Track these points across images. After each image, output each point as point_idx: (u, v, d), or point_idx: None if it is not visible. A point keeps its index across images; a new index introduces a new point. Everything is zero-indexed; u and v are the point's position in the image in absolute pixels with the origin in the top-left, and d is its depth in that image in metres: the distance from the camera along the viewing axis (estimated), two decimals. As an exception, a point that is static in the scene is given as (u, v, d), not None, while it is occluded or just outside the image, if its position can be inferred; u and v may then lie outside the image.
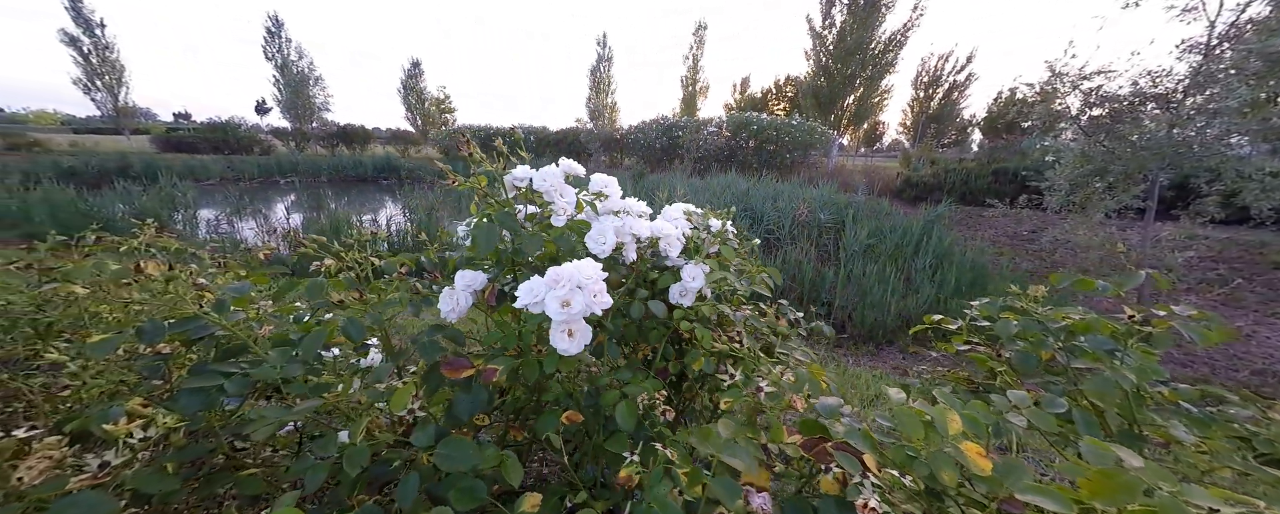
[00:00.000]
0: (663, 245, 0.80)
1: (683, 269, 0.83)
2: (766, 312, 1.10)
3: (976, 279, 5.82)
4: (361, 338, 0.59)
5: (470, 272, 0.68)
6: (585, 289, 0.58)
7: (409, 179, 16.09)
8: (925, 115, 26.71)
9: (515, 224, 0.68)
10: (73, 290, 1.03)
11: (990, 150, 14.54)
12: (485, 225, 0.65)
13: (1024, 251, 8.37)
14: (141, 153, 15.06)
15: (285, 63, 19.73)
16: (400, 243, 5.89)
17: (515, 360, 0.61)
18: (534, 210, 0.78)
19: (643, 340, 0.86)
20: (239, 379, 0.58)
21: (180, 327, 0.62)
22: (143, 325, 0.60)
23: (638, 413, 0.62)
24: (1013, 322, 0.84)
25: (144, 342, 0.59)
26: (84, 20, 16.70)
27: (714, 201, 8.33)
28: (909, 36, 18.69)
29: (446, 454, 0.51)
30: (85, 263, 1.25)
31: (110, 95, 17.65)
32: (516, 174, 0.73)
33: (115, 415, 0.52)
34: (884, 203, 9.97)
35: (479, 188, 0.73)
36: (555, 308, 0.57)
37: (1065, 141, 5.94)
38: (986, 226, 10.63)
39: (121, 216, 6.78)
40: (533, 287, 0.59)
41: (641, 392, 0.65)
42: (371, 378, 0.62)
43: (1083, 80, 4.90)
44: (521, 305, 0.59)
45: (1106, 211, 5.27)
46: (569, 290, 0.57)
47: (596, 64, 23.44)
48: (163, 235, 1.47)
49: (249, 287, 0.66)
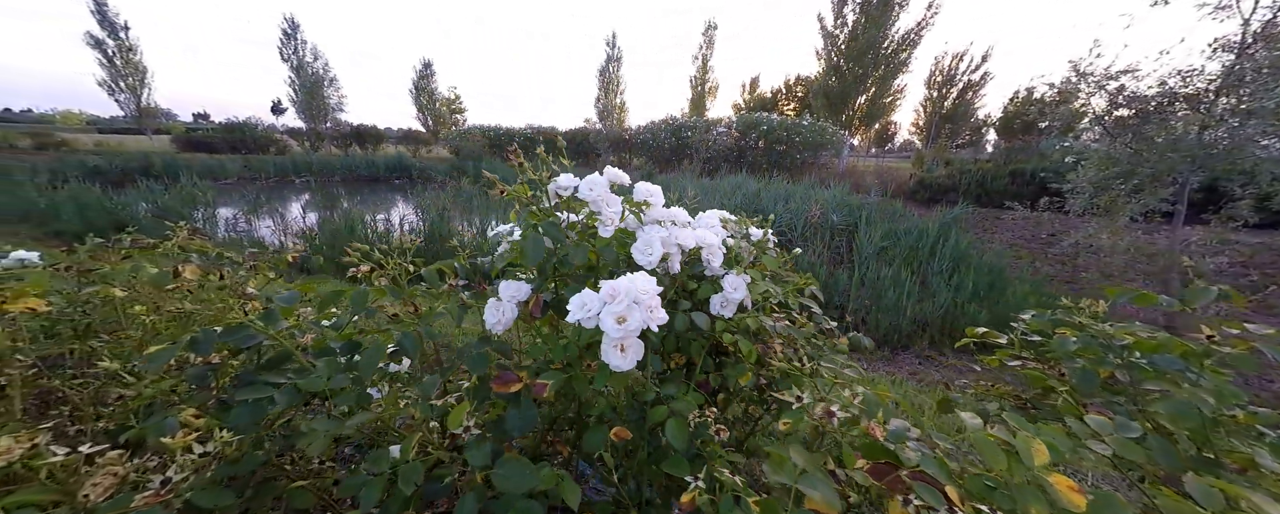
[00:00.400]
0: (705, 255, 0.78)
1: (723, 279, 0.81)
2: (797, 319, 1.07)
3: (994, 283, 5.69)
4: (416, 353, 0.58)
5: (514, 282, 0.67)
6: (641, 304, 0.56)
7: (420, 178, 16.29)
8: (938, 115, 26.27)
9: (561, 234, 0.66)
10: (112, 293, 1.05)
11: (1007, 151, 14.26)
12: (532, 235, 0.64)
13: (1043, 255, 8.17)
14: (163, 152, 15.45)
15: (301, 64, 20.08)
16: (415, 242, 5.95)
17: (564, 375, 0.59)
18: (574, 218, 0.77)
19: (680, 352, 0.84)
20: (289, 390, 0.57)
21: (228, 336, 0.62)
22: (196, 336, 0.59)
23: (689, 431, 0.60)
24: (1071, 338, 0.80)
25: (196, 352, 0.59)
26: (109, 23, 17.17)
27: (724, 202, 8.27)
28: (923, 35, 18.40)
29: (505, 475, 0.49)
30: (123, 265, 1.27)
31: (133, 96, 18.12)
32: (561, 182, 0.72)
33: (171, 428, 0.52)
34: (898, 204, 9.82)
35: (522, 196, 0.72)
36: (611, 324, 0.55)
37: (1088, 143, 5.78)
38: (1003, 229, 10.40)
39: (145, 214, 6.95)
40: (585, 300, 0.58)
41: (691, 409, 0.63)
42: (421, 390, 0.61)
43: (1109, 80, 4.76)
44: (574, 320, 0.57)
45: (1132, 215, 5.12)
46: (626, 306, 0.55)
47: (605, 64, 23.47)
48: (195, 238, 1.49)
49: (297, 296, 0.65)
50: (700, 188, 9.60)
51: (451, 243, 1.01)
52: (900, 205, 9.77)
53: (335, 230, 6.14)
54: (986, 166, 13.06)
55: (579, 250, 0.64)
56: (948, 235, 7.15)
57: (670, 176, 13.41)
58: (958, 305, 4.95)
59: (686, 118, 19.48)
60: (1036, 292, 5.48)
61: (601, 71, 23.43)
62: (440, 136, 24.44)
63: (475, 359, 0.60)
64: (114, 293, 1.02)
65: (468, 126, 23.46)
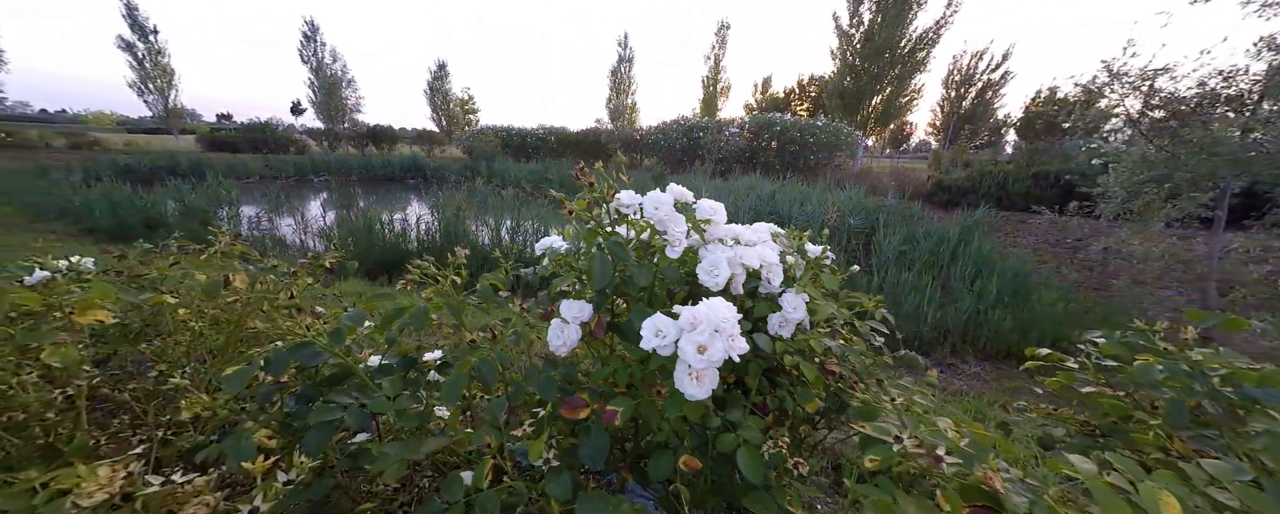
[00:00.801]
0: (765, 273, 0.75)
1: (782, 298, 0.78)
2: (844, 335, 1.04)
3: (1019, 290, 5.53)
4: (495, 382, 0.57)
5: (576, 302, 0.65)
6: (722, 333, 0.54)
7: (434, 178, 16.50)
8: (956, 116, 25.69)
9: (626, 254, 0.64)
10: (164, 300, 1.06)
11: (1029, 153, 13.84)
12: (599, 256, 0.62)
13: (1070, 261, 7.92)
14: (189, 152, 15.94)
15: (320, 65, 20.52)
16: (430, 242, 6.00)
17: (633, 401, 0.57)
18: (628, 235, 0.75)
19: (732, 372, 0.82)
20: (357, 412, 0.57)
21: (294, 354, 0.62)
22: (269, 355, 0.59)
23: (763, 462, 0.58)
24: (1156, 366, 0.76)
25: (270, 372, 0.59)
26: (139, 27, 17.76)
27: (738, 204, 8.19)
28: (942, 34, 18.00)
29: (587, 511, 0.48)
30: (171, 271, 1.29)
31: (161, 97, 18.73)
32: (623, 199, 0.70)
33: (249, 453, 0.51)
34: (916, 207, 9.62)
35: (579, 212, 0.70)
36: (692, 353, 0.53)
37: (1117, 145, 5.58)
38: (1025, 233, 10.11)
39: (173, 213, 7.16)
40: (659, 326, 0.56)
41: (760, 437, 0.61)
42: (490, 413, 0.60)
43: (1145, 81, 4.58)
44: (649, 346, 0.55)
45: (1167, 220, 4.92)
46: (707, 335, 0.53)
47: (617, 65, 23.49)
48: (237, 243, 1.51)
49: (363, 316, 0.65)
50: (713, 189, 9.52)
51: (495, 253, 0.99)
52: (919, 208, 9.56)
53: (354, 229, 6.24)
54: (1008, 169, 12.71)
55: (643, 271, 0.62)
56: (970, 239, 6.97)
57: (683, 177, 13.35)
58: (981, 312, 4.81)
59: (697, 118, 19.38)
60: (1064, 299, 5.30)
61: (613, 72, 23.46)
62: (454, 137, 24.73)
63: (544, 384, 0.58)
64: (165, 300, 1.03)
65: (480, 127, 23.71)
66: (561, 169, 14.86)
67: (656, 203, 0.65)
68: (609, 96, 22.89)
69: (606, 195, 0.68)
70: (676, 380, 0.55)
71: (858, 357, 0.93)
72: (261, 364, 0.57)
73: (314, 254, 1.47)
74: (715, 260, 0.66)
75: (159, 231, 6.69)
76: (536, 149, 21.26)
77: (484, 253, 5.91)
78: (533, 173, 14.81)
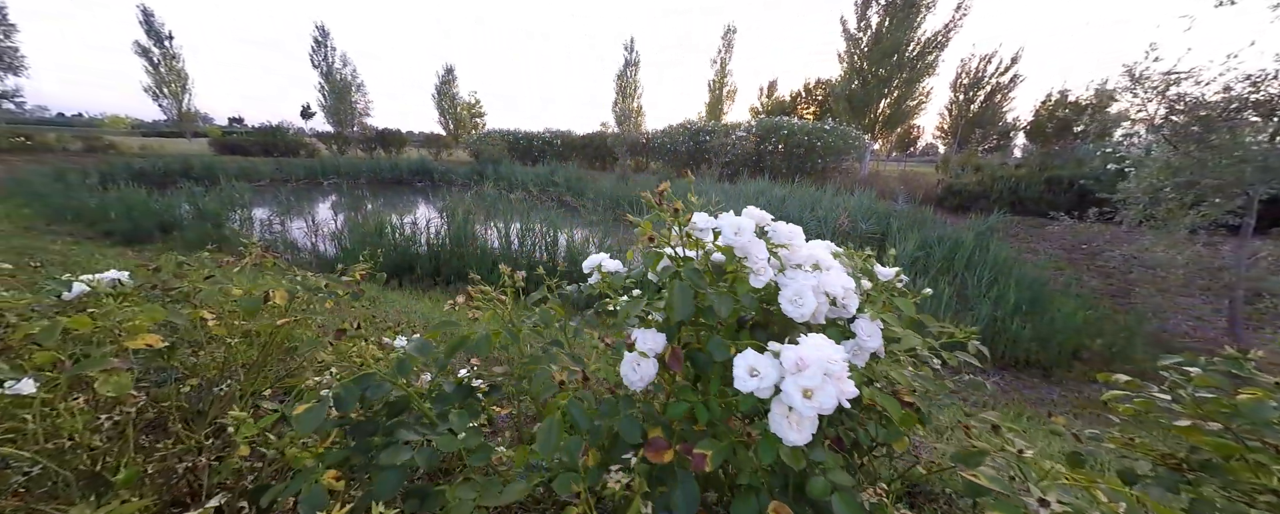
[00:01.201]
0: (842, 299, 0.71)
1: (855, 324, 0.74)
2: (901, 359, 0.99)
3: (1036, 297, 5.43)
4: (588, 428, 0.53)
5: (648, 331, 0.61)
6: (833, 376, 0.50)
7: (442, 181, 16.59)
8: (964, 119, 25.51)
9: (704, 283, 0.60)
10: (201, 315, 1.04)
11: (1042, 157, 13.67)
12: (679, 287, 0.58)
13: (1087, 267, 7.79)
14: (201, 155, 16.16)
15: (330, 70, 20.77)
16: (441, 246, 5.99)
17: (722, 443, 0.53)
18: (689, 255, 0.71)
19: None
20: (427, 451, 0.53)
21: (360, 386, 0.58)
22: (338, 392, 0.56)
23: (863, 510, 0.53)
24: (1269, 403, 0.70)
25: (340, 409, 0.55)
26: (155, 33, 18.09)
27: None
28: (950, 38, 17.89)
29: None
30: (205, 284, 1.27)
31: (175, 101, 19.04)
32: (697, 223, 0.66)
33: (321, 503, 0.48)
34: (928, 212, 9.52)
35: (645, 233, 0.67)
36: (799, 399, 0.49)
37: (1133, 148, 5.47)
38: (1039, 239, 9.96)
39: (187, 215, 7.23)
40: (755, 365, 0.52)
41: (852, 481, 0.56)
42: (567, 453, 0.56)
43: (1170, 85, 4.49)
44: (746, 389, 0.51)
45: (1192, 227, 4.80)
46: (817, 378, 0.49)
47: (623, 69, 23.55)
48: (268, 255, 1.49)
49: (431, 346, 0.61)
50: (722, 193, 9.48)
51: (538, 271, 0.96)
52: (930, 213, 9.46)
53: (366, 233, 6.25)
54: (1020, 173, 12.55)
55: (724, 301, 0.58)
56: (985, 245, 6.87)
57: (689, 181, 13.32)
58: (998, 320, 4.72)
59: (703, 121, 19.37)
60: (1085, 307, 5.19)
61: (619, 76, 23.53)
62: (460, 140, 24.91)
63: (628, 424, 0.54)
64: (203, 315, 1.01)
65: (487, 130, 23.85)
66: (568, 172, 14.88)
67: (737, 227, 0.61)
68: (615, 100, 22.95)
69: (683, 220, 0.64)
70: (773, 425, 0.51)
71: (924, 383, 0.89)
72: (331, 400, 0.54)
73: (343, 268, 1.44)
74: (799, 289, 0.61)
75: (173, 234, 6.75)
76: (542, 152, 21.34)
77: (494, 257, 5.90)
78: (539, 176, 14.85)
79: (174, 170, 13.10)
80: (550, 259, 5.92)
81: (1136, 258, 5.27)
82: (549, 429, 0.50)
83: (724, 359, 0.57)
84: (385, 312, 3.38)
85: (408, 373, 0.60)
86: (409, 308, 3.81)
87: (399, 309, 3.64)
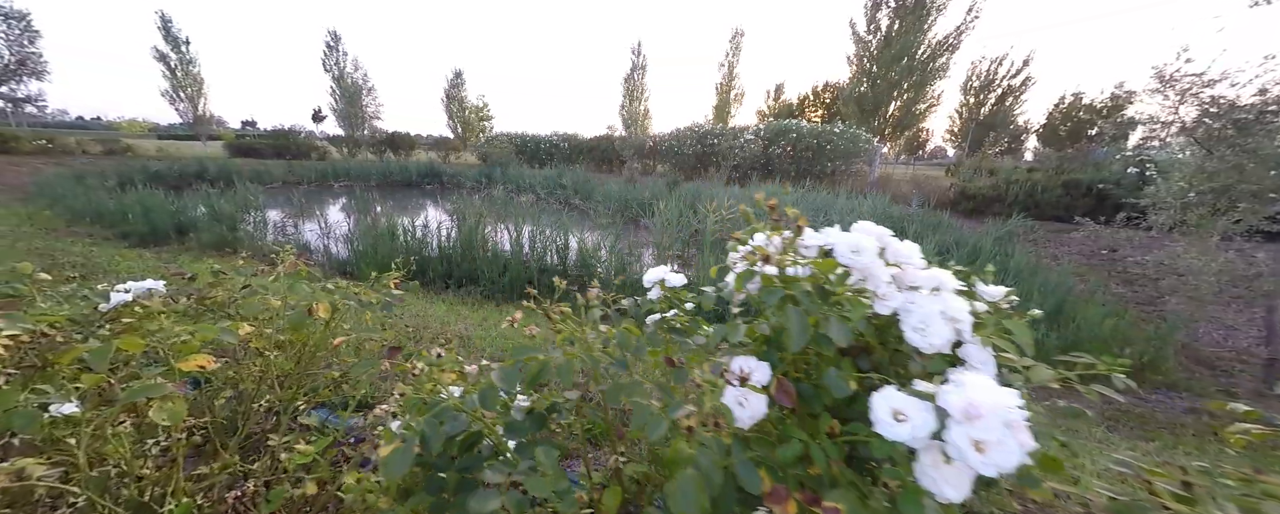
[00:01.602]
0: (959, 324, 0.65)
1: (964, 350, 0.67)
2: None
3: (1061, 305, 5.28)
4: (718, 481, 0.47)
5: (749, 359, 0.55)
6: (1013, 427, 0.42)
7: (451, 184, 16.68)
8: (975, 122, 25.23)
9: (822, 309, 0.54)
10: (241, 327, 1.00)
11: (1059, 160, 13.43)
12: (793, 313, 0.52)
13: (1108, 273, 7.59)
14: (216, 158, 16.41)
15: (341, 74, 21.06)
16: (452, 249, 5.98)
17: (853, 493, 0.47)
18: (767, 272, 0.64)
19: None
20: (518, 499, 0.48)
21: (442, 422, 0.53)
22: (423, 432, 0.51)
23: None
24: None
25: (426, 450, 0.50)
26: (172, 38, 18.47)
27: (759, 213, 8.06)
28: (962, 40, 17.74)
29: None
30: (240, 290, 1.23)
31: (191, 105, 19.39)
32: (807, 240, 0.60)
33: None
34: (942, 217, 9.38)
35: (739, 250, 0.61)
36: (970, 452, 0.41)
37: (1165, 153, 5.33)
38: (1057, 244, 9.76)
39: (202, 217, 7.30)
40: (900, 408, 0.45)
41: None
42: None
43: (1204, 88, 4.37)
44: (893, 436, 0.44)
45: (1225, 234, 4.65)
46: (994, 430, 0.41)
47: (630, 72, 23.65)
48: (301, 261, 1.45)
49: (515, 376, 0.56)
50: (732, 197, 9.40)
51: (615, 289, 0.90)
52: (945, 217, 9.32)
53: (378, 236, 6.26)
54: (1037, 177, 12.33)
55: (841, 328, 0.51)
56: (1006, 250, 6.73)
57: (698, 184, 13.26)
58: (1025, 329, 4.58)
59: (710, 124, 19.33)
60: (1112, 315, 5.04)
61: (626, 79, 23.62)
62: (469, 143, 25.08)
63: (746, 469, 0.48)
64: (243, 328, 0.97)
65: (494, 133, 23.99)
66: (575, 175, 14.88)
67: (855, 247, 0.55)
68: (622, 103, 23.03)
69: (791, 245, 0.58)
70: (922, 477, 0.44)
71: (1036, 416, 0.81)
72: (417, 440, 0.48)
73: (376, 275, 1.40)
74: (926, 315, 0.55)
75: (189, 236, 6.81)
76: (550, 155, 21.40)
77: (505, 260, 5.87)
78: (547, 179, 14.87)
79: (189, 173, 13.29)
80: (562, 263, 5.89)
81: (1166, 265, 5.11)
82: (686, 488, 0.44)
83: (843, 395, 0.51)
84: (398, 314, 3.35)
85: (492, 406, 0.54)
86: (425, 312, 3.78)
87: (414, 312, 3.61)
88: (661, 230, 6.53)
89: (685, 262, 6.47)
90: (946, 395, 0.45)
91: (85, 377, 0.54)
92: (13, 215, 7.36)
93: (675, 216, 7.29)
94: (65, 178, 10.38)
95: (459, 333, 2.93)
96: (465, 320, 3.42)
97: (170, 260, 5.26)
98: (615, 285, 1.02)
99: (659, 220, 6.87)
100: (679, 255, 6.47)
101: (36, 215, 7.51)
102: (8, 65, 11.63)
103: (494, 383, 0.55)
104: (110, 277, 3.69)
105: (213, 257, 5.63)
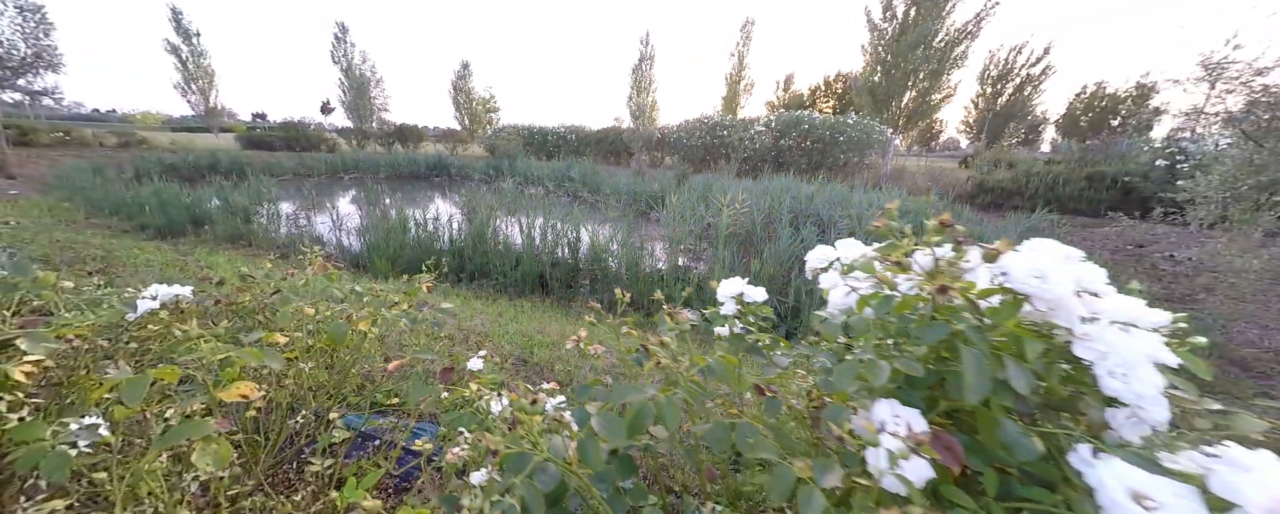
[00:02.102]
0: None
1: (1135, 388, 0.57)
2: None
3: (1093, 304, 5.09)
4: None
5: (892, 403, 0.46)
6: None
7: (459, 176, 16.65)
8: (991, 112, 24.50)
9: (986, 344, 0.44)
10: (275, 339, 0.94)
11: (1081, 151, 12.99)
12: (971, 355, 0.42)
13: (1134, 270, 7.36)
14: (228, 150, 16.51)
15: (350, 66, 20.98)
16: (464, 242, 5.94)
17: None
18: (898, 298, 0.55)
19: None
20: None
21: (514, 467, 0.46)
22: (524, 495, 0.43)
23: None
24: None
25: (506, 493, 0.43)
26: (184, 30, 18.49)
27: (774, 206, 7.88)
28: (982, 28, 17.10)
29: None
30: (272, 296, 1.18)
31: (202, 98, 19.49)
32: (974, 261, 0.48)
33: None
34: (963, 210, 9.13)
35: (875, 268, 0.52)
36: None
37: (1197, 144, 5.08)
38: (1081, 239, 9.47)
39: (216, 209, 7.34)
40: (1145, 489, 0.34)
41: None
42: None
43: (1255, 76, 4.12)
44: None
45: (1270, 230, 4.44)
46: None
47: (638, 63, 23.23)
48: (330, 263, 1.39)
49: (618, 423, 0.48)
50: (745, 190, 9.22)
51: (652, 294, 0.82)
52: (966, 211, 9.07)
53: (391, 229, 6.24)
54: (1058, 169, 11.95)
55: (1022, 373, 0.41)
56: (1031, 247, 6.48)
57: (707, 177, 13.05)
58: (1055, 328, 4.44)
59: (720, 116, 19.00)
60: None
61: (634, 70, 23.23)
62: (476, 135, 24.97)
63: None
64: (277, 339, 0.91)
65: (501, 125, 23.85)
66: (583, 168, 14.73)
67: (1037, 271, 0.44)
68: (630, 94, 22.69)
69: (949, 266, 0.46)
70: None
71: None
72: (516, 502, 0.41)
73: (409, 278, 1.34)
74: (1129, 358, 0.43)
75: (204, 228, 6.86)
76: (557, 147, 21.24)
77: (516, 254, 5.82)
78: (556, 171, 14.76)
79: (203, 165, 13.39)
80: (573, 257, 5.82)
81: (1203, 263, 4.89)
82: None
83: (1028, 457, 0.42)
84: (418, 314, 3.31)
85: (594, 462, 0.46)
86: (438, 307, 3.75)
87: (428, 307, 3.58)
88: (673, 224, 6.43)
89: (696, 255, 6.37)
90: (1229, 481, 0.34)
91: (117, 409, 0.48)
92: (34, 207, 7.45)
93: (686, 210, 7.17)
94: (83, 170, 10.50)
95: (477, 330, 2.88)
96: (481, 315, 3.38)
97: (187, 252, 5.28)
98: (681, 299, 0.93)
99: (669, 214, 6.76)
100: (691, 249, 6.37)
101: (56, 207, 7.60)
102: (24, 58, 11.70)
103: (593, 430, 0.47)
104: (130, 270, 3.69)
105: (228, 249, 5.66)
